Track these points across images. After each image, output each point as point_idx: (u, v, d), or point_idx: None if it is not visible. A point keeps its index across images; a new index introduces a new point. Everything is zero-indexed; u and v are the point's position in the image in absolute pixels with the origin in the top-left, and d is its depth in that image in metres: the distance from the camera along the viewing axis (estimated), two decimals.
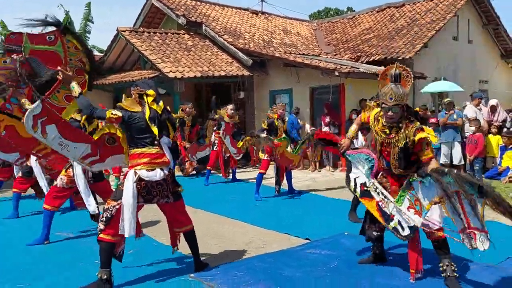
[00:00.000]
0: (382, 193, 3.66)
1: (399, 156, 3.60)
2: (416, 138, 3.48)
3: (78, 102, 3.65)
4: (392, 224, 3.56)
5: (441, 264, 3.51)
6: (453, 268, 3.46)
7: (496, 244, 4.62)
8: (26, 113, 3.52)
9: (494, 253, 4.31)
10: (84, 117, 5.29)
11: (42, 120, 3.55)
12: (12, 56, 3.69)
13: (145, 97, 3.78)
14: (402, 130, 3.56)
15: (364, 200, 3.77)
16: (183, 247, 4.22)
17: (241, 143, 9.16)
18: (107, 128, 3.86)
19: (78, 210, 6.01)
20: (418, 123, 3.59)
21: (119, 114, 3.65)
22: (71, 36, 3.71)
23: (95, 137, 3.87)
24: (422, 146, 3.51)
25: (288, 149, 7.74)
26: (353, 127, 4.16)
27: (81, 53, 3.77)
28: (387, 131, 3.64)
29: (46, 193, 5.96)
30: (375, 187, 3.70)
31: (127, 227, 3.56)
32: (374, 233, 3.94)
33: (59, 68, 3.70)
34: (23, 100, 4.37)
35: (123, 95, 3.95)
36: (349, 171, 3.94)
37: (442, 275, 3.50)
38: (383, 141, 3.67)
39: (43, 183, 5.97)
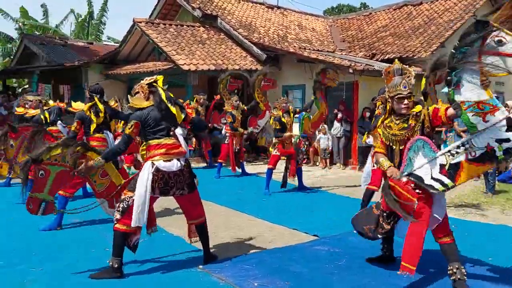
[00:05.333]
0: (456, 147, 3.26)
1: None
2: (431, 109, 3.46)
3: (109, 158, 3.91)
4: (498, 151, 3.08)
5: (450, 268, 3.44)
6: (463, 271, 3.41)
7: (505, 249, 4.61)
8: (104, 210, 4.32)
9: (503, 257, 4.30)
10: (88, 105, 5.40)
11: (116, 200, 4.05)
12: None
13: (155, 84, 3.84)
14: (419, 114, 3.52)
15: (459, 177, 3.22)
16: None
17: (261, 104, 9.11)
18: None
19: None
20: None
21: (133, 122, 3.72)
22: (44, 156, 3.85)
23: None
24: (438, 117, 3.41)
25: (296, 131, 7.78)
26: (381, 157, 3.70)
27: (62, 152, 3.93)
28: (405, 125, 3.57)
29: None
30: (448, 153, 3.26)
31: (135, 217, 3.62)
32: (379, 235, 3.91)
33: (73, 173, 3.95)
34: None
35: (129, 96, 4.01)
36: (421, 181, 3.36)
37: (451, 278, 3.45)
38: (404, 138, 3.55)
39: None
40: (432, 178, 3.28)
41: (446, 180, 3.24)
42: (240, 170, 9.60)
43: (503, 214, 6.24)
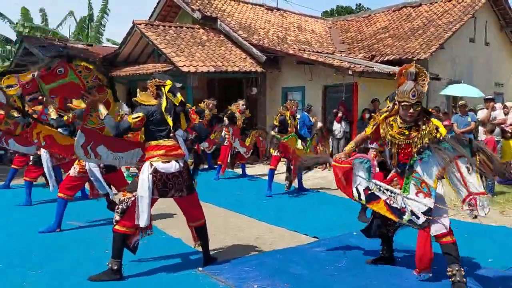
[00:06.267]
0: (387, 189, 3.62)
1: None
2: (440, 133, 3.55)
3: (105, 124, 3.81)
4: (405, 217, 3.51)
5: (449, 269, 3.44)
6: (462, 273, 3.41)
7: (505, 250, 4.61)
8: (75, 145, 3.80)
9: (502, 258, 4.30)
10: None
11: (90, 146, 3.80)
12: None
13: (162, 88, 3.83)
14: (424, 127, 3.57)
15: (372, 204, 3.72)
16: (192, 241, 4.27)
17: (249, 140, 9.20)
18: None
19: (97, 200, 5.98)
20: (435, 120, 3.65)
21: (140, 115, 3.70)
22: (78, 60, 3.75)
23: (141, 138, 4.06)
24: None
25: (299, 146, 7.73)
26: (351, 144, 4.05)
27: (93, 71, 3.82)
28: (406, 132, 3.62)
29: (50, 184, 6.05)
30: (378, 187, 3.66)
31: (142, 218, 3.61)
32: (386, 232, 3.95)
33: (82, 93, 3.82)
34: (50, 110, 4.45)
35: (138, 90, 3.99)
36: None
37: (450, 279, 3.45)
38: (402, 144, 3.63)
39: (48, 174, 6.05)
40: (356, 188, 3.78)
41: (363, 197, 3.74)
42: (240, 171, 9.60)
43: (503, 215, 6.24)
